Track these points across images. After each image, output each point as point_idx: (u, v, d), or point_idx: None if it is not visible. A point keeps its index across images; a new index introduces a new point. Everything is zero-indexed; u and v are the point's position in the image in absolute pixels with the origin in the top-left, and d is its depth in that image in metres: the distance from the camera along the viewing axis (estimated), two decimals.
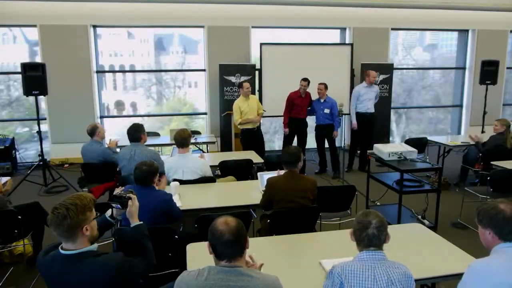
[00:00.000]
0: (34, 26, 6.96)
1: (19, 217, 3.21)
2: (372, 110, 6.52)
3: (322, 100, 6.35)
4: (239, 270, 1.63)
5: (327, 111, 6.30)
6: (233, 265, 1.64)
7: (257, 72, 7.50)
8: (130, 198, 2.24)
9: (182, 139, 3.81)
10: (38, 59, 7.01)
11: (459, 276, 2.23)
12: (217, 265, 1.66)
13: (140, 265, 2.00)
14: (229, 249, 1.64)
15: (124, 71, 7.83)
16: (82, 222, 1.77)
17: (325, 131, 6.40)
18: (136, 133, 4.08)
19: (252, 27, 7.67)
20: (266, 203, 3.15)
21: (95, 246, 1.87)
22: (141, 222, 2.23)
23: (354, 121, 6.52)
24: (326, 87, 6.34)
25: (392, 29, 8.30)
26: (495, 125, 5.25)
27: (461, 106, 9.13)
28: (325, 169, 6.69)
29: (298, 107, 6.33)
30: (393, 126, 8.83)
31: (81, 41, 7.09)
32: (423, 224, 4.00)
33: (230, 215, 1.73)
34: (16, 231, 3.24)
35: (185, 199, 3.31)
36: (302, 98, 6.33)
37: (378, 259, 1.78)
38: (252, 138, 6.00)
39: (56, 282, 1.82)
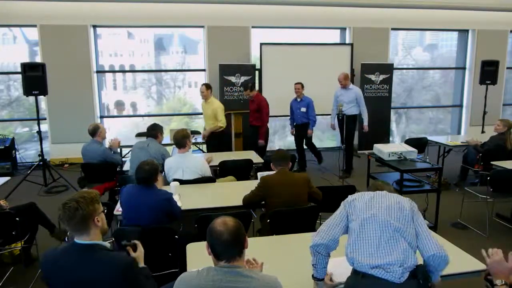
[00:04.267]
0: (34, 26, 6.95)
1: (17, 219, 3.22)
2: (349, 112, 6.19)
3: (299, 100, 6.39)
4: (238, 271, 1.62)
5: (303, 109, 6.36)
6: (232, 265, 1.64)
7: (257, 72, 7.50)
8: (135, 244, 2.22)
9: (179, 139, 3.84)
10: (38, 59, 7.01)
11: (459, 276, 2.24)
12: (216, 266, 1.66)
13: (145, 281, 1.98)
14: (228, 249, 1.63)
15: (124, 71, 7.83)
16: (93, 213, 1.84)
17: (302, 130, 6.46)
18: (153, 130, 4.34)
19: (252, 27, 7.67)
20: (254, 199, 3.18)
21: (108, 244, 1.91)
22: (145, 266, 2.15)
23: (332, 121, 6.60)
24: (302, 86, 6.35)
25: (392, 29, 8.30)
26: (497, 125, 5.24)
27: (461, 106, 9.13)
28: (304, 167, 6.66)
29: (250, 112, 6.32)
30: (393, 126, 8.83)
31: (81, 41, 7.09)
32: None
33: (229, 215, 1.73)
34: (14, 232, 3.26)
35: (185, 199, 3.31)
36: (250, 102, 6.28)
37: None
38: (217, 141, 5.90)
39: (62, 275, 1.81)
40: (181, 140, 3.84)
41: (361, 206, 1.96)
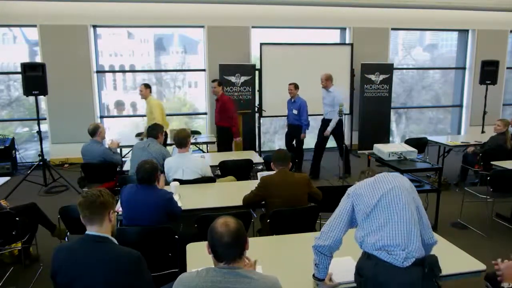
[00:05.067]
0: (34, 26, 6.95)
1: (17, 218, 3.22)
2: (328, 116, 6.06)
3: (292, 100, 6.32)
4: (237, 272, 1.62)
5: (295, 111, 6.25)
6: (232, 266, 1.63)
7: (257, 72, 7.50)
8: None
9: (180, 139, 3.84)
10: (38, 59, 7.01)
11: (459, 276, 2.24)
12: (216, 267, 1.65)
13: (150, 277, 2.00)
14: (229, 251, 1.62)
15: (124, 71, 7.83)
16: (111, 205, 1.94)
17: (293, 131, 6.36)
18: (153, 130, 4.36)
19: (252, 27, 7.67)
20: (254, 199, 3.19)
21: (115, 240, 1.95)
22: None
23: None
24: (296, 87, 6.23)
25: (392, 29, 8.30)
26: (497, 125, 5.24)
27: (461, 106, 9.13)
28: (300, 168, 6.48)
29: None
30: (393, 126, 8.84)
31: (81, 41, 7.09)
32: None
33: (230, 215, 1.72)
34: (14, 232, 3.26)
35: (185, 199, 3.31)
36: (216, 102, 6.08)
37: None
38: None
39: (74, 266, 1.83)
40: (183, 140, 3.84)
41: (365, 193, 1.96)
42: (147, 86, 5.99)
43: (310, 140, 6.68)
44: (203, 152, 6.40)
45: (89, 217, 1.88)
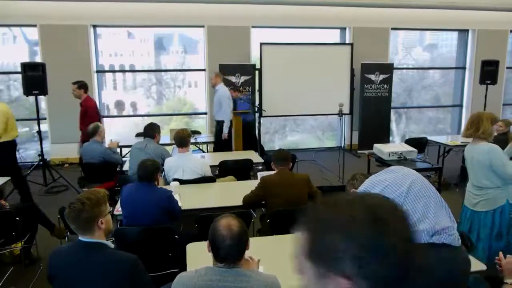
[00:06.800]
0: (34, 26, 6.96)
1: (17, 218, 3.22)
2: (217, 117, 5.89)
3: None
4: (236, 270, 1.62)
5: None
6: (232, 266, 1.63)
7: (257, 72, 7.49)
8: None
9: (181, 139, 3.84)
10: (38, 59, 7.01)
11: None
12: (215, 266, 1.65)
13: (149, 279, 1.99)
14: (230, 254, 1.62)
15: (124, 71, 7.83)
16: (98, 215, 1.86)
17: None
18: (151, 130, 4.34)
19: (252, 27, 7.67)
20: (254, 199, 3.19)
21: (111, 244, 1.93)
22: None
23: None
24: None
25: (392, 29, 8.30)
26: (499, 126, 5.22)
27: (461, 106, 9.13)
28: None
29: None
30: (393, 126, 8.83)
31: (81, 41, 7.09)
32: None
33: (233, 215, 1.70)
34: (14, 233, 3.25)
35: (185, 199, 3.31)
36: (80, 107, 5.59)
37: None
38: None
39: (69, 272, 1.84)
40: (184, 139, 3.85)
41: (391, 183, 1.83)
42: None
43: (308, 140, 6.68)
44: (203, 151, 6.39)
45: (78, 230, 1.87)
